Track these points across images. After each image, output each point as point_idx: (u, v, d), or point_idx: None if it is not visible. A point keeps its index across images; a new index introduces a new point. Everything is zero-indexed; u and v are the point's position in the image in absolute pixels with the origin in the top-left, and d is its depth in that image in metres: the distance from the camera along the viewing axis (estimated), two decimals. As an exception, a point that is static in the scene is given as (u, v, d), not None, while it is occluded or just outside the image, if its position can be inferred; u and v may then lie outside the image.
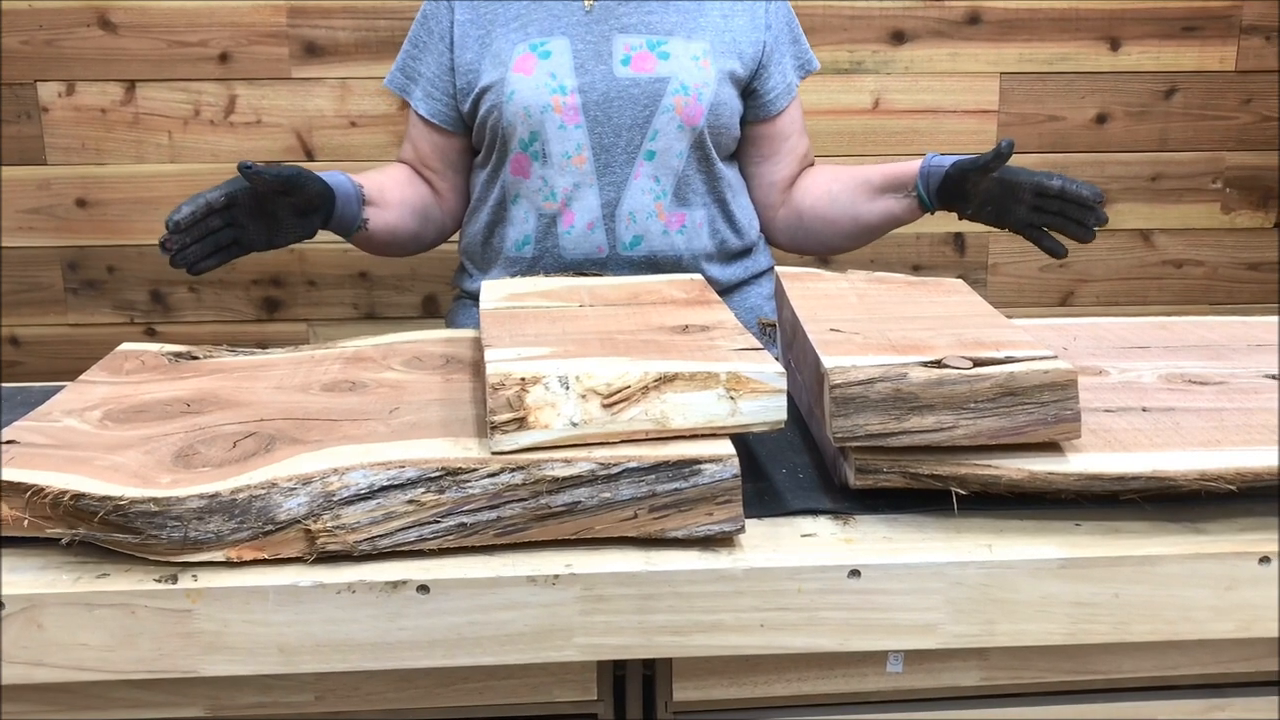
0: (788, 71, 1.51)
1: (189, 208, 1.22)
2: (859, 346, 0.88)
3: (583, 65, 1.40)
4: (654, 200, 1.43)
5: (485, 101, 1.42)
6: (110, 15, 2.06)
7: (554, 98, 1.39)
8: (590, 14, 1.42)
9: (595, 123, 1.40)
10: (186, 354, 1.11)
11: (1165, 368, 1.03)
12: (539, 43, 1.41)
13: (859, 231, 1.51)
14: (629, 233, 1.43)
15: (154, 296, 2.19)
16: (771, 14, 1.48)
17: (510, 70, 1.40)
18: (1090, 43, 2.16)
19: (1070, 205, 1.32)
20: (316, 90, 2.11)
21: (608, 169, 1.41)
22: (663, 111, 1.40)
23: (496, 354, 0.86)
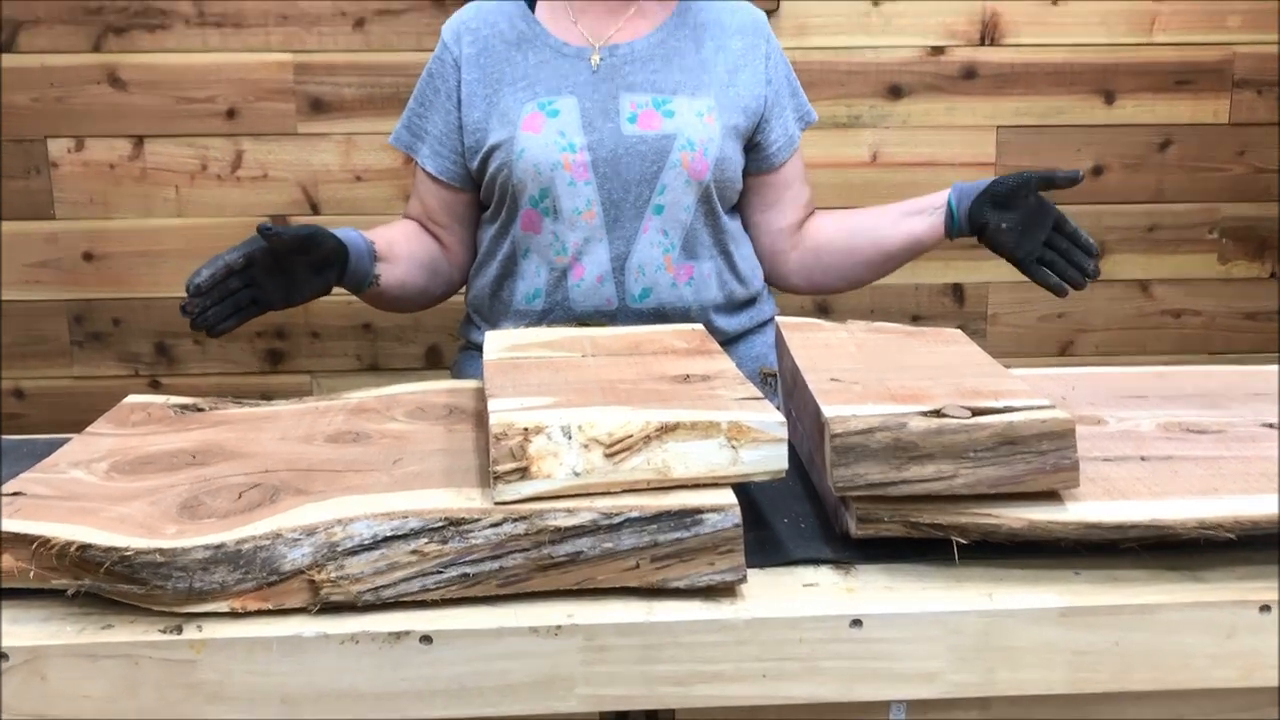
0: (789, 124, 1.54)
1: (208, 270, 1.23)
2: (858, 396, 0.89)
3: (590, 123, 1.42)
4: (663, 253, 1.44)
5: (495, 159, 1.44)
6: (119, 72, 2.09)
7: (563, 155, 1.41)
8: (596, 73, 1.44)
9: (604, 179, 1.42)
10: (192, 406, 1.12)
11: (1163, 416, 1.04)
12: (547, 101, 1.43)
13: (880, 258, 1.53)
14: (638, 285, 1.44)
15: (159, 349, 2.20)
16: (772, 69, 1.51)
17: (519, 129, 1.42)
18: (1085, 96, 2.19)
19: (1075, 249, 1.38)
20: (322, 145, 2.14)
21: (617, 223, 1.43)
22: (670, 167, 1.42)
23: (500, 404, 0.87)
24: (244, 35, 2.09)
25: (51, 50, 2.07)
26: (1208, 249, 2.27)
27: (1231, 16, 2.17)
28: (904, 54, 2.16)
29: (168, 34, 2.08)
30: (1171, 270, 2.27)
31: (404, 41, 2.10)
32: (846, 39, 2.15)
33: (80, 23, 2.07)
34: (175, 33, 2.08)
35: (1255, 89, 2.20)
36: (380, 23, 2.10)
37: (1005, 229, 1.39)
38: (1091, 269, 1.38)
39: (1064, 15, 2.16)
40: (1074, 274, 1.38)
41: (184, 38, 2.08)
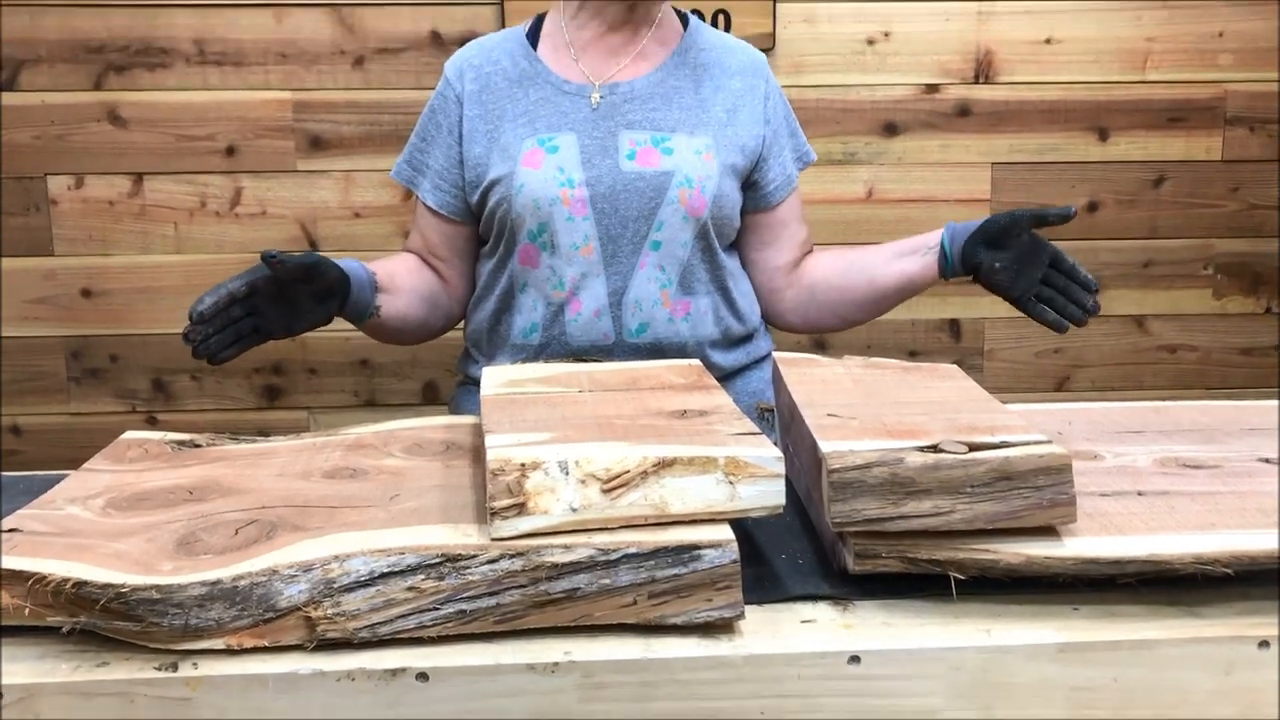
0: (787, 163, 1.55)
1: (211, 298, 1.23)
2: (855, 431, 0.89)
3: (590, 160, 1.43)
4: (660, 288, 1.45)
5: (494, 194, 1.45)
6: (120, 110, 2.11)
7: (562, 190, 1.42)
8: (596, 110, 1.45)
9: (602, 214, 1.43)
10: (189, 442, 1.12)
11: (1159, 452, 1.04)
12: (547, 138, 1.44)
13: (874, 298, 1.53)
14: (635, 320, 1.45)
15: (156, 385, 2.20)
16: (770, 109, 1.52)
17: (519, 164, 1.43)
18: (1079, 133, 2.21)
19: (1073, 285, 1.38)
20: (321, 182, 2.15)
21: (614, 259, 1.44)
22: (668, 203, 1.43)
23: (497, 439, 0.87)
24: (244, 73, 2.11)
25: (52, 88, 2.09)
26: (1203, 284, 2.28)
27: (1223, 55, 2.19)
28: (899, 92, 2.18)
29: (168, 72, 2.10)
30: (1167, 306, 2.28)
31: (403, 79, 2.12)
32: (841, 77, 2.17)
33: (81, 61, 2.09)
34: (175, 71, 2.10)
35: (1248, 126, 2.22)
36: (379, 61, 2.11)
37: (999, 268, 1.39)
38: (1091, 305, 1.38)
39: (1057, 53, 2.18)
40: (1073, 310, 1.38)
41: (184, 76, 2.10)
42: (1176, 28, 2.18)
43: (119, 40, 2.08)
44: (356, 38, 2.11)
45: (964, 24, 2.16)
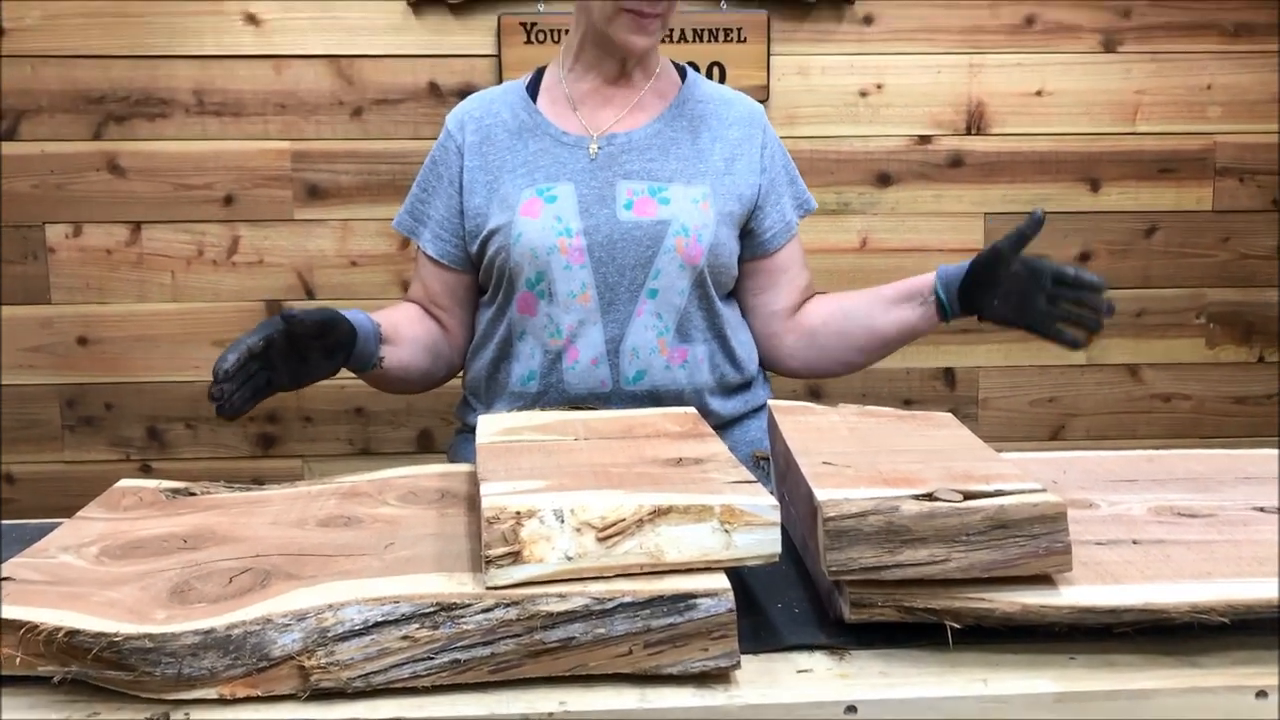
0: (786, 211, 1.56)
1: (234, 356, 1.24)
2: (851, 479, 0.89)
3: (587, 209, 1.44)
4: (656, 336, 1.46)
5: (493, 243, 1.47)
6: (119, 159, 2.12)
7: (560, 239, 1.43)
8: (595, 161, 1.47)
9: (599, 263, 1.44)
10: (184, 490, 1.11)
11: (1154, 500, 1.04)
12: (545, 188, 1.46)
13: (875, 344, 1.54)
14: (632, 368, 1.45)
15: (150, 433, 2.20)
16: (768, 158, 1.53)
17: (517, 213, 1.45)
18: (1071, 183, 2.23)
19: (1084, 291, 1.35)
20: (318, 231, 2.17)
21: (611, 306, 1.44)
22: (664, 252, 1.44)
23: (492, 487, 0.87)
24: (243, 123, 2.13)
25: (52, 138, 2.11)
26: (1195, 334, 2.29)
27: (1211, 107, 2.22)
28: (892, 143, 2.20)
29: (168, 122, 2.12)
30: (1160, 355, 2.29)
31: (400, 130, 2.14)
32: (835, 128, 2.19)
33: (82, 111, 2.10)
34: (175, 121, 2.12)
35: (1237, 177, 2.24)
36: (378, 112, 2.14)
37: (999, 304, 1.39)
38: (1102, 307, 1.34)
39: (1048, 105, 2.21)
40: (1089, 318, 1.35)
41: (184, 126, 2.12)
42: (1165, 80, 2.21)
43: (119, 91, 2.10)
44: (355, 89, 2.13)
45: (955, 77, 2.19)
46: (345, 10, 2.11)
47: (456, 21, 2.12)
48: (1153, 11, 2.19)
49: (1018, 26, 2.18)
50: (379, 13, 2.11)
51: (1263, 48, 2.21)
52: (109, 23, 2.09)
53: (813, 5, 2.14)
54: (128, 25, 2.09)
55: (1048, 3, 2.18)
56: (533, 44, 2.11)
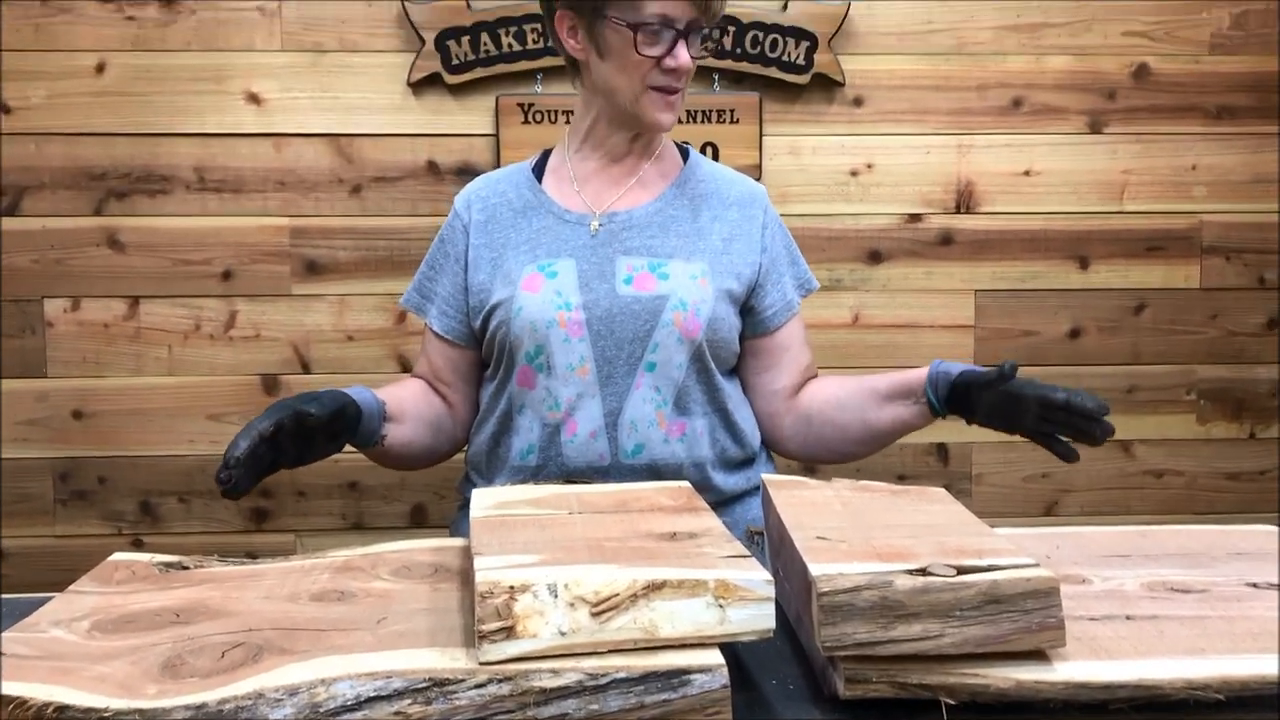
0: (786, 290, 1.57)
1: (246, 442, 1.23)
2: (845, 554, 0.89)
3: (587, 284, 1.46)
4: (655, 409, 1.46)
5: (495, 318, 1.49)
6: (119, 234, 2.14)
7: (559, 313, 1.45)
8: (596, 237, 1.49)
9: (598, 336, 1.45)
10: (177, 564, 1.11)
11: (1148, 576, 1.04)
12: (546, 263, 1.48)
13: (870, 437, 1.54)
14: (631, 441, 1.46)
15: (143, 507, 2.19)
16: (768, 238, 1.55)
17: (519, 288, 1.47)
18: (1060, 261, 2.26)
19: (1075, 417, 1.31)
20: (315, 306, 2.18)
21: (610, 380, 1.45)
22: (662, 325, 1.45)
23: (485, 561, 0.87)
24: (242, 200, 2.15)
25: (53, 213, 2.13)
26: (1187, 410, 2.31)
27: (1196, 187, 2.26)
28: (882, 221, 2.23)
29: (168, 198, 2.14)
30: (1152, 431, 2.30)
31: (399, 207, 2.17)
32: (826, 206, 2.22)
33: (84, 188, 2.13)
34: (175, 197, 2.14)
35: (1223, 255, 2.27)
36: (376, 189, 2.16)
37: (989, 416, 1.39)
38: (1097, 431, 1.30)
39: (1036, 185, 2.24)
40: (1082, 439, 1.32)
41: (184, 202, 2.14)
42: (1151, 160, 2.25)
43: (121, 167, 2.13)
44: (355, 167, 2.16)
45: (944, 157, 2.23)
46: (346, 90, 2.15)
47: (455, 102, 2.16)
48: (1137, 94, 2.24)
49: (1005, 108, 2.23)
50: (379, 92, 2.15)
51: (1245, 130, 2.25)
52: (113, 101, 2.12)
53: (804, 87, 2.18)
54: (131, 104, 2.12)
55: (1034, 86, 2.23)
56: (530, 124, 2.15)
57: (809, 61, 2.16)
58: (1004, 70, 2.22)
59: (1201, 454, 2.31)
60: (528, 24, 2.12)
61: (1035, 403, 1.33)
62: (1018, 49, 2.22)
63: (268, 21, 2.13)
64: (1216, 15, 2.23)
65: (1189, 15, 2.23)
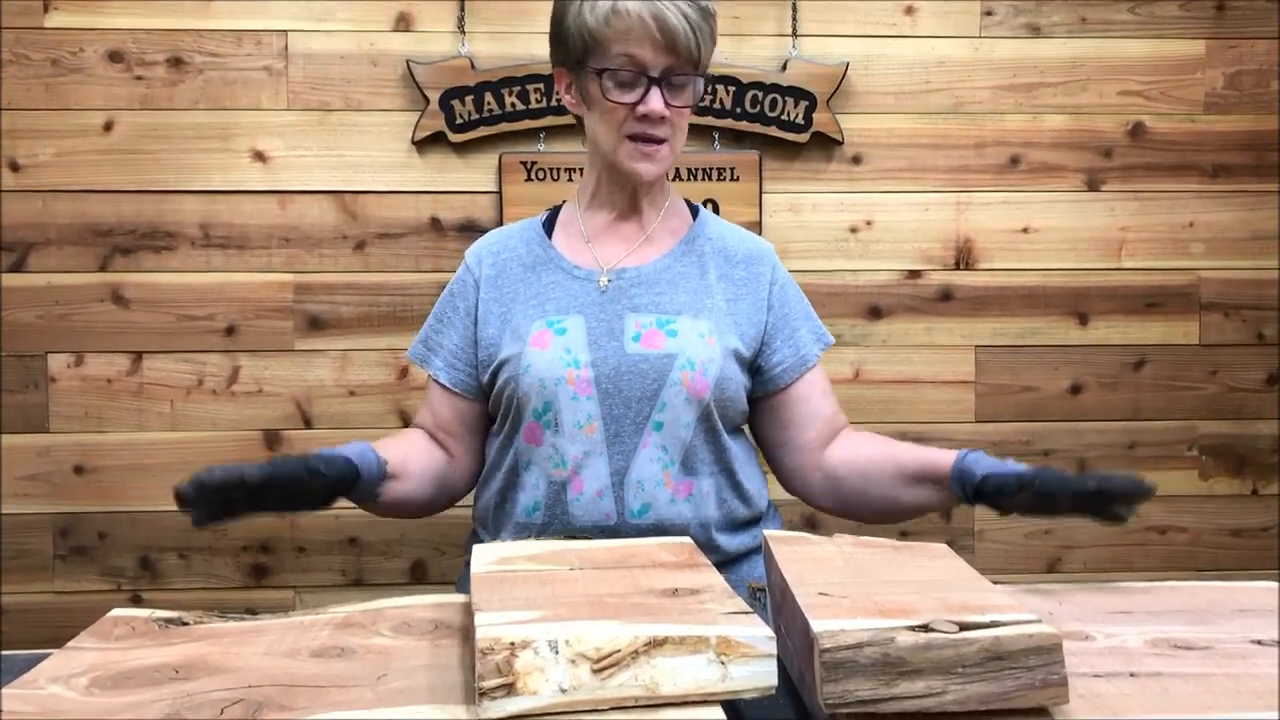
0: (799, 344, 1.56)
1: (222, 475, 1.21)
2: (847, 610, 0.89)
3: (596, 341, 1.47)
4: (661, 469, 1.46)
5: (504, 373, 1.49)
6: (123, 291, 2.16)
7: (568, 371, 1.45)
8: (605, 294, 1.50)
9: (606, 395, 1.45)
10: (177, 620, 1.11)
11: (1151, 633, 1.04)
12: (555, 320, 1.48)
13: (897, 512, 1.51)
14: (637, 500, 1.45)
15: (143, 563, 2.18)
16: (775, 296, 1.56)
17: (528, 344, 1.47)
18: (1059, 318, 2.27)
19: (1113, 502, 1.26)
20: (318, 361, 2.19)
21: (617, 438, 1.45)
22: (670, 385, 1.45)
23: (486, 618, 0.87)
24: (247, 256, 2.17)
25: (59, 269, 2.15)
26: (1189, 466, 2.30)
27: (1194, 244, 2.28)
28: (882, 277, 2.25)
29: (173, 255, 2.16)
30: (1154, 487, 2.30)
31: (402, 263, 2.18)
32: (826, 263, 2.24)
33: (89, 244, 2.15)
34: (180, 254, 2.16)
35: (1222, 311, 2.28)
36: (380, 245, 2.18)
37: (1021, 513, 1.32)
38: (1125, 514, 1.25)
39: (1034, 242, 2.26)
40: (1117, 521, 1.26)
41: (188, 259, 2.16)
42: (1149, 218, 2.27)
43: (127, 224, 2.15)
44: (359, 223, 2.18)
45: (943, 214, 2.25)
46: (351, 148, 2.17)
47: (459, 159, 2.18)
48: (1134, 153, 2.26)
49: (1003, 166, 2.25)
50: (384, 150, 2.18)
51: (1241, 188, 2.27)
52: (120, 159, 2.15)
53: (803, 146, 2.21)
54: (138, 162, 2.15)
55: (1031, 144, 2.25)
56: (532, 181, 2.17)
57: (808, 120, 2.19)
58: (1001, 129, 2.25)
59: (1204, 510, 2.31)
60: (530, 84, 2.15)
61: (1068, 497, 1.27)
62: (1014, 108, 2.25)
63: (274, 81, 2.16)
64: (1210, 75, 2.26)
65: (1183, 75, 2.26)
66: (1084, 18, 2.25)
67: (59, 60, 2.13)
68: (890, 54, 2.23)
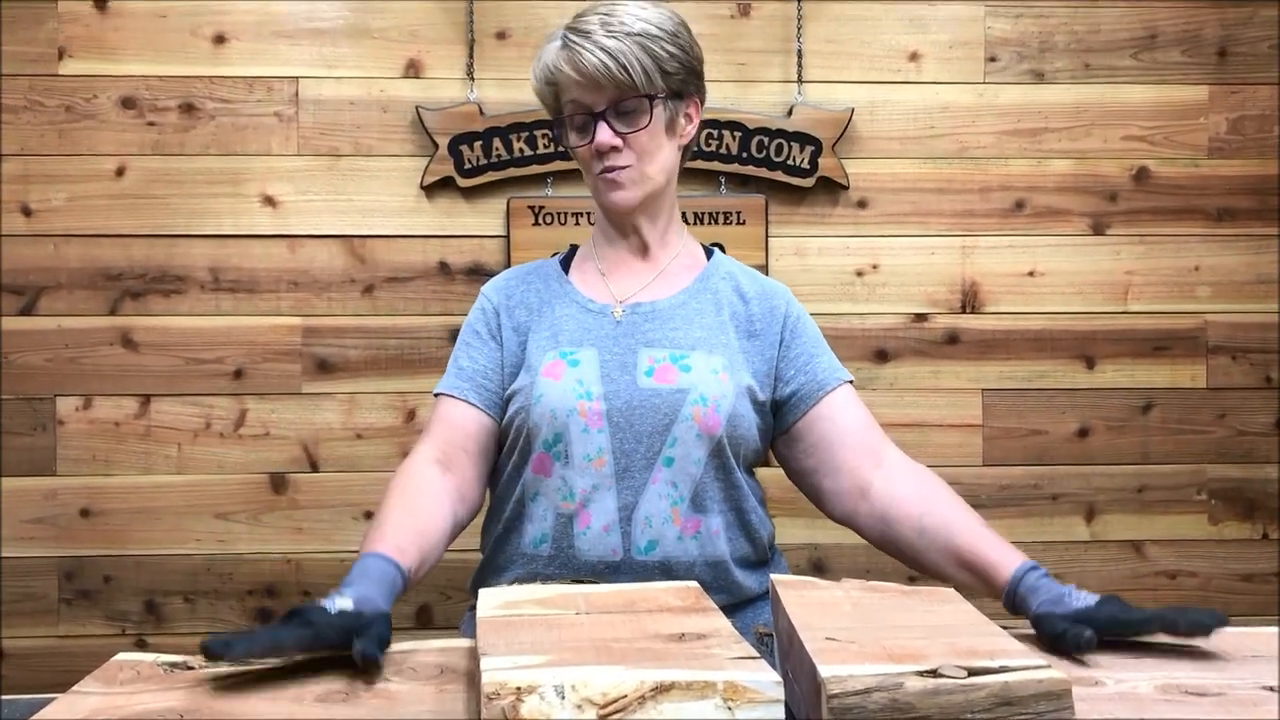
0: (815, 371, 1.54)
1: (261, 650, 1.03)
2: (855, 655, 0.89)
3: (609, 374, 1.47)
4: (670, 505, 1.45)
5: (515, 402, 1.49)
6: (132, 334, 2.17)
7: (580, 403, 1.45)
8: (619, 326, 1.50)
9: (617, 428, 1.45)
10: (182, 664, 1.10)
11: (1161, 678, 1.03)
12: (569, 351, 1.49)
13: (938, 577, 1.43)
14: (644, 537, 1.45)
15: (148, 607, 2.18)
16: (788, 332, 1.55)
17: (539, 374, 1.47)
18: (1066, 361, 2.27)
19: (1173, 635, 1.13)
20: (325, 404, 2.19)
21: (626, 473, 1.45)
22: (681, 420, 1.45)
23: (491, 662, 0.86)
24: (256, 300, 2.18)
25: (69, 313, 2.16)
26: (1198, 510, 2.29)
27: (1200, 288, 2.28)
28: (888, 320, 2.25)
29: (182, 298, 2.17)
30: (1164, 531, 2.29)
31: (410, 307, 2.19)
32: (832, 306, 2.24)
33: (100, 288, 2.16)
34: (190, 297, 2.17)
35: (1230, 355, 2.28)
36: (388, 289, 2.19)
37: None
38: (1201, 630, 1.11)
39: (1040, 285, 2.26)
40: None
41: (198, 302, 2.17)
42: (1154, 261, 2.28)
43: (137, 268, 2.17)
44: (367, 267, 2.19)
45: (949, 257, 2.25)
46: (360, 192, 2.19)
47: (467, 204, 2.20)
48: (1138, 197, 2.27)
49: (1008, 210, 2.26)
50: (392, 195, 2.20)
51: (1246, 232, 2.28)
52: (131, 204, 2.17)
53: (808, 190, 2.22)
54: (150, 207, 2.17)
55: (1036, 188, 2.27)
56: (540, 225, 2.18)
57: (813, 165, 2.21)
58: (1006, 173, 2.26)
59: (1215, 555, 2.29)
60: (538, 129, 2.17)
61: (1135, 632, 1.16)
62: (1019, 153, 2.26)
63: (285, 127, 2.18)
64: (1214, 121, 2.28)
65: (1186, 120, 2.27)
66: (1087, 64, 2.27)
67: (73, 106, 2.16)
68: (895, 100, 2.25)
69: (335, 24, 2.20)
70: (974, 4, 2.26)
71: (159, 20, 2.17)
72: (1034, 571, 1.29)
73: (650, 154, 1.49)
